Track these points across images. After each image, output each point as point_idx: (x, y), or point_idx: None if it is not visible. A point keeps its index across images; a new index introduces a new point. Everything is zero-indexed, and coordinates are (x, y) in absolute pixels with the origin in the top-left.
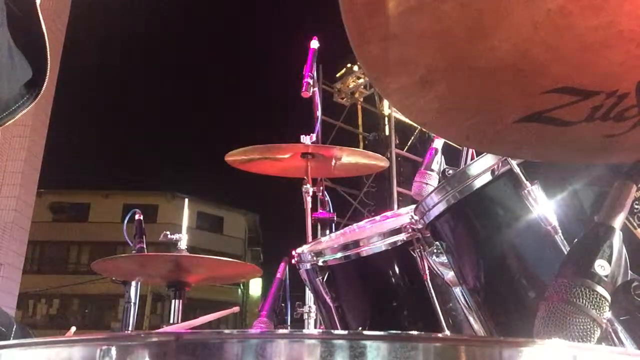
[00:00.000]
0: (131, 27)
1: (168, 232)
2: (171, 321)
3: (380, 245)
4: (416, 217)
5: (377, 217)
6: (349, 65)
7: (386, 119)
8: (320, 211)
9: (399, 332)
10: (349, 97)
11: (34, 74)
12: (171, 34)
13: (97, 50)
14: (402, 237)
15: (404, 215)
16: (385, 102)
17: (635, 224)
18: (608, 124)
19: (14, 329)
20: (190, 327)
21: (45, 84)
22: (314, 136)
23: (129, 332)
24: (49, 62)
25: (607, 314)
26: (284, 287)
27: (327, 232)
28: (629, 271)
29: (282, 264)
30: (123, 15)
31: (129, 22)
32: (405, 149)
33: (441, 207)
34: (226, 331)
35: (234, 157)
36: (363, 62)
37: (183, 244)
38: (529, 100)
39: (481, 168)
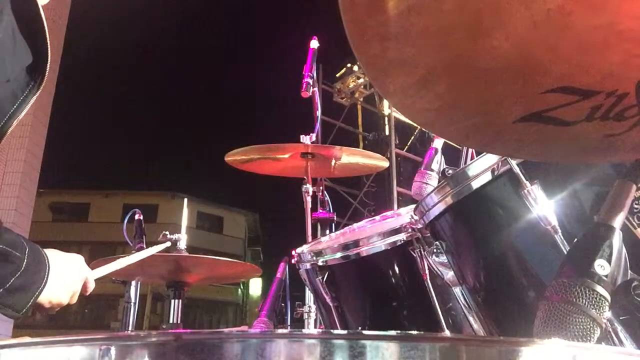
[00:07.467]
0: (131, 28)
1: (167, 232)
2: (171, 321)
3: (380, 245)
4: (416, 217)
5: (377, 217)
6: (349, 65)
7: (386, 118)
8: (320, 211)
9: (399, 332)
10: (349, 97)
11: (35, 59)
12: (171, 34)
13: (97, 49)
14: (402, 237)
15: (404, 215)
16: (385, 102)
17: (635, 224)
18: (608, 124)
19: None
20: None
21: (47, 70)
22: (313, 136)
23: (129, 332)
24: (49, 47)
25: (607, 313)
26: (284, 287)
27: (327, 232)
28: (629, 271)
29: (282, 264)
30: (123, 15)
31: (129, 23)
32: (405, 148)
33: (441, 207)
34: (226, 331)
35: (234, 157)
36: (363, 62)
37: (182, 244)
38: (529, 100)
39: (481, 168)
